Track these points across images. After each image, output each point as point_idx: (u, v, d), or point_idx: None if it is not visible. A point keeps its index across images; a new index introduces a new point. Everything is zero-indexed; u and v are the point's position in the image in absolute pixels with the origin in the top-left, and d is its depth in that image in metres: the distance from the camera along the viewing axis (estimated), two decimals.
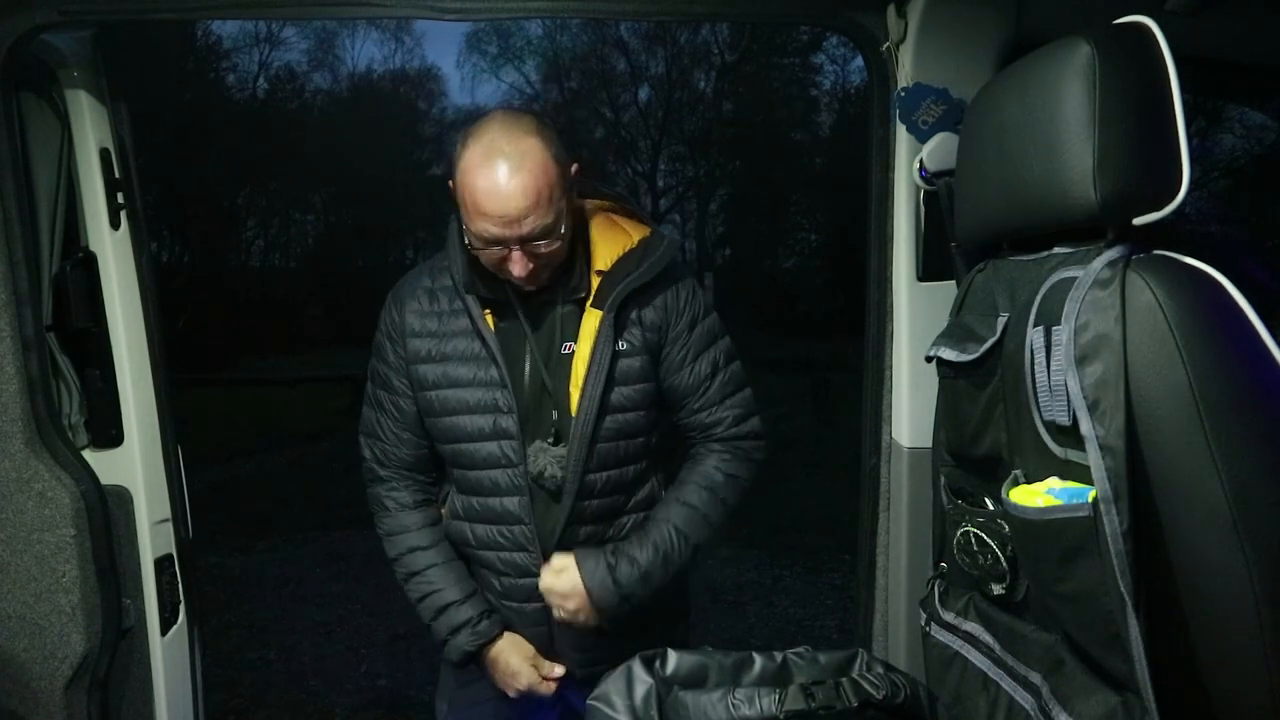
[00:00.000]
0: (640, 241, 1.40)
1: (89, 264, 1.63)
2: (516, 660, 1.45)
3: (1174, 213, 0.91)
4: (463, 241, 1.36)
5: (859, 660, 1.12)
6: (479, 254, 1.31)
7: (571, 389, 1.35)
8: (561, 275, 1.37)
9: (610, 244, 1.39)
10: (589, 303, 1.36)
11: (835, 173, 17.70)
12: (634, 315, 1.39)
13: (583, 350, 1.35)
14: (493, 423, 1.37)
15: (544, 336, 1.38)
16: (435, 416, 1.41)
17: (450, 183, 1.31)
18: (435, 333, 1.41)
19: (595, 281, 1.37)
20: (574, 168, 1.35)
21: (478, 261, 1.34)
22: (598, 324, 1.35)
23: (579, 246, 1.39)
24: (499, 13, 1.54)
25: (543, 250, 1.29)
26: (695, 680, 1.07)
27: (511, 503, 1.39)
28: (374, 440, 1.48)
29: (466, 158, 1.27)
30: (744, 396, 1.48)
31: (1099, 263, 0.90)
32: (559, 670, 1.46)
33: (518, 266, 1.28)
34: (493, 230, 1.25)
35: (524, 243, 1.27)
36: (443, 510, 1.51)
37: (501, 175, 1.24)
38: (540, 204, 1.25)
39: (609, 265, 1.37)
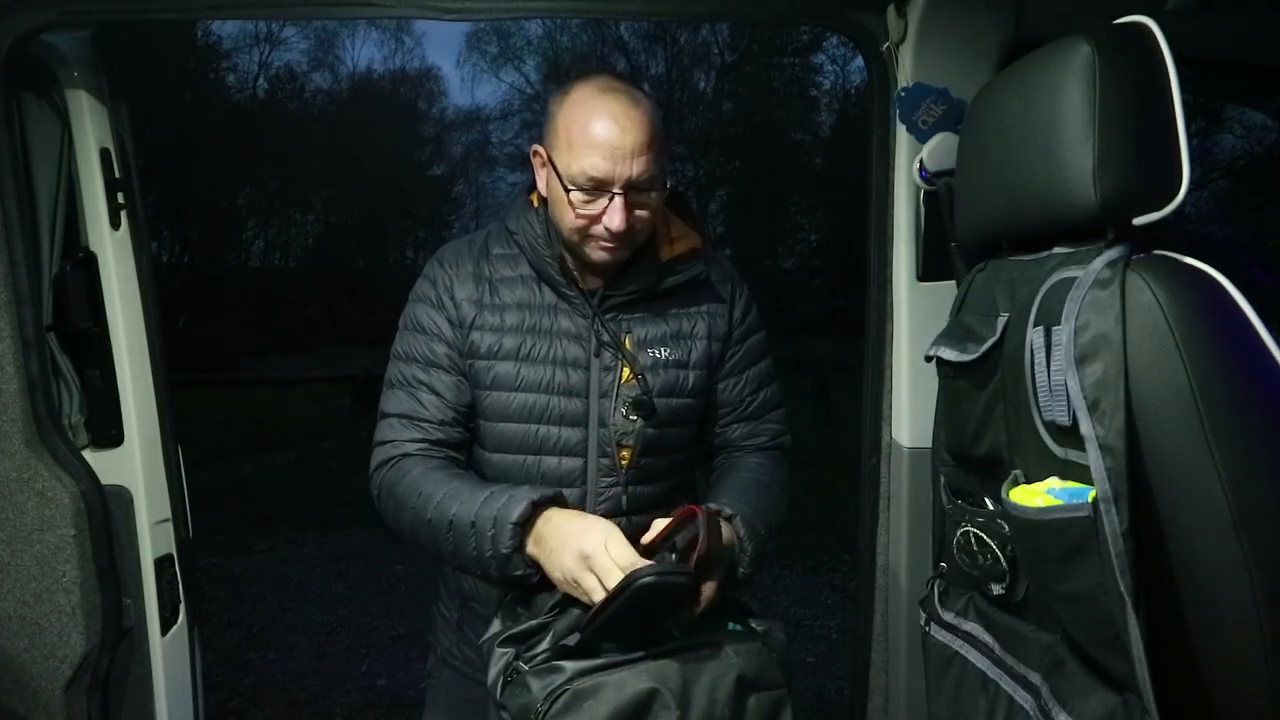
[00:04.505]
0: (693, 249, 1.36)
1: (89, 264, 1.63)
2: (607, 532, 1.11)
3: (1174, 213, 0.91)
4: (534, 214, 1.30)
5: None
6: (574, 204, 1.21)
7: (625, 374, 1.30)
8: (627, 263, 1.30)
9: (673, 241, 1.35)
10: (643, 296, 1.31)
11: (835, 173, 17.70)
12: (690, 318, 1.35)
13: (639, 340, 1.31)
14: (552, 402, 1.29)
15: (603, 320, 1.31)
16: (497, 390, 1.30)
17: (535, 147, 1.27)
18: (491, 302, 1.31)
19: (656, 275, 1.31)
20: None
21: (544, 242, 1.29)
22: (652, 316, 1.32)
23: (648, 239, 1.32)
24: (499, 13, 1.54)
25: (641, 207, 1.22)
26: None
27: (564, 489, 1.27)
28: (414, 422, 1.30)
29: (576, 94, 1.21)
30: (781, 414, 1.46)
31: (1099, 263, 0.90)
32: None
33: (617, 216, 1.19)
34: (603, 167, 1.18)
35: (629, 187, 1.19)
36: None
37: (621, 106, 1.19)
38: (653, 147, 1.20)
39: (669, 261, 1.33)
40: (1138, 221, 0.92)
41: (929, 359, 1.20)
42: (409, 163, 21.66)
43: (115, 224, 1.65)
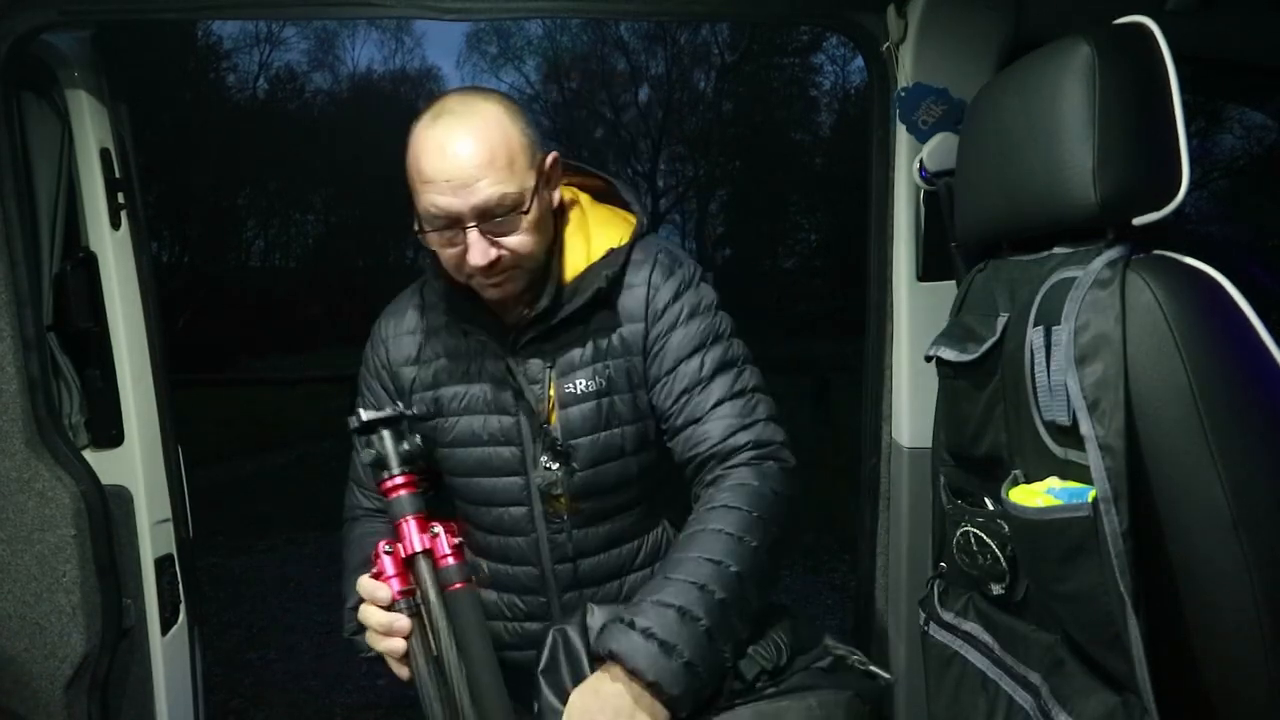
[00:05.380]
0: (607, 253, 1.21)
1: (89, 264, 1.63)
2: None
3: (1174, 213, 0.91)
4: (435, 256, 1.18)
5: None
6: (434, 245, 1.12)
7: (551, 414, 1.21)
8: (539, 288, 1.19)
9: (582, 250, 1.21)
10: (562, 322, 1.19)
11: (835, 173, 17.70)
12: (605, 337, 1.21)
13: (562, 372, 1.21)
14: (489, 453, 1.23)
15: (523, 358, 1.22)
16: (441, 447, 1.26)
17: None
18: (426, 357, 1.27)
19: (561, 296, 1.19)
20: (551, 157, 1.16)
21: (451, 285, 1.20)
22: (572, 341, 1.20)
23: (555, 254, 1.20)
24: (499, 13, 1.54)
25: (506, 234, 1.10)
26: None
27: (518, 538, 1.26)
28: (362, 490, 1.35)
29: (415, 127, 1.11)
30: (734, 406, 1.19)
31: (1099, 263, 0.90)
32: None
33: (476, 252, 1.08)
34: (441, 202, 1.07)
35: (481, 218, 1.08)
36: None
37: (449, 132, 1.07)
38: (496, 165, 1.07)
39: (579, 277, 1.20)
40: (1138, 221, 0.92)
41: (929, 359, 1.20)
42: None
43: (115, 224, 1.65)
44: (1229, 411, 0.84)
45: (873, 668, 1.09)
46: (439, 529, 1.08)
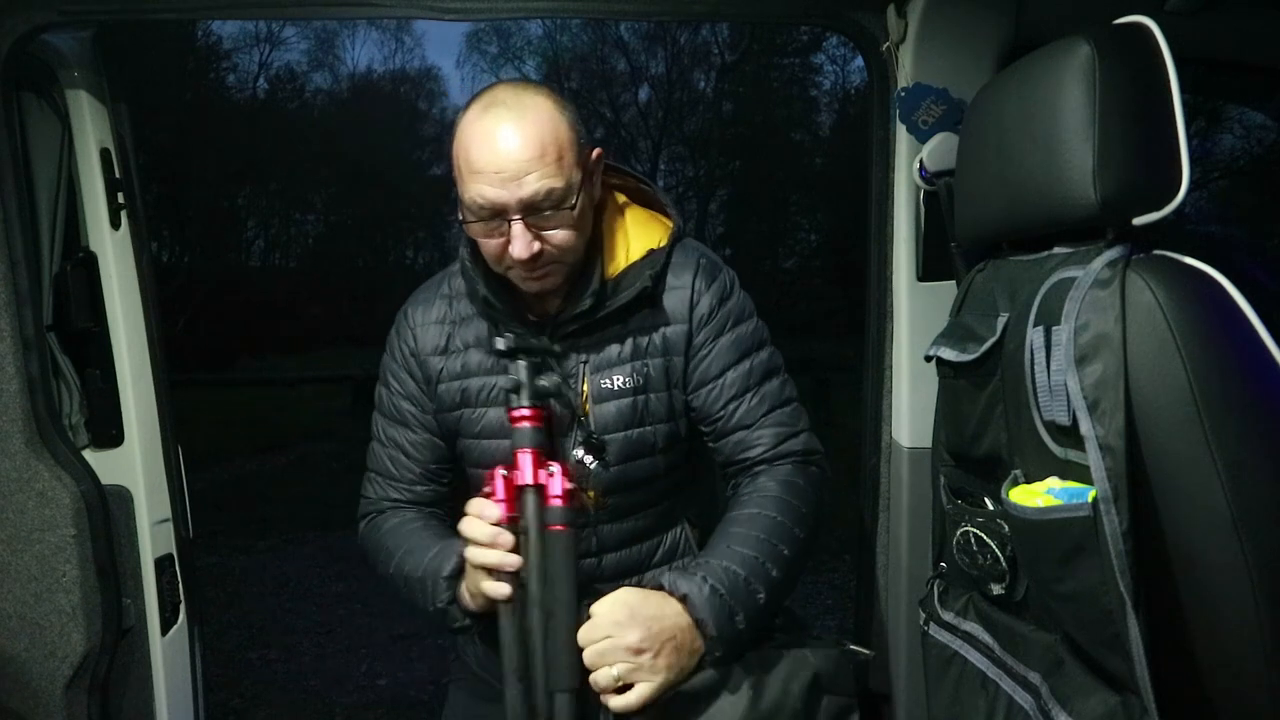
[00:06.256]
0: (650, 251, 1.23)
1: (89, 264, 1.63)
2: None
3: (1174, 213, 0.91)
4: (474, 246, 1.20)
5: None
6: (476, 235, 1.14)
7: (584, 408, 1.23)
8: (575, 283, 1.20)
9: (623, 248, 1.23)
10: (598, 319, 1.20)
11: (835, 173, 17.70)
12: (645, 335, 1.22)
13: (596, 368, 1.22)
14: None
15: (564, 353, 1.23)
16: (465, 438, 1.27)
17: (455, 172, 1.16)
18: (454, 347, 1.27)
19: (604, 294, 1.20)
20: (596, 152, 1.17)
21: (492, 271, 1.20)
22: (608, 338, 1.22)
23: (595, 251, 1.21)
24: (499, 13, 1.54)
25: (550, 228, 1.11)
26: None
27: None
28: (388, 481, 1.33)
29: (464, 115, 1.12)
30: (784, 414, 1.26)
31: (1099, 263, 0.90)
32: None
33: (520, 245, 1.09)
34: (488, 193, 1.07)
35: (527, 211, 1.09)
36: None
37: (500, 124, 1.08)
38: (546, 160, 1.07)
39: (620, 275, 1.21)
40: (1138, 222, 0.92)
41: (929, 359, 1.21)
42: (409, 163, 21.62)
43: (115, 224, 1.65)
44: (1229, 411, 0.84)
45: (851, 645, 1.17)
46: (556, 469, 1.10)
